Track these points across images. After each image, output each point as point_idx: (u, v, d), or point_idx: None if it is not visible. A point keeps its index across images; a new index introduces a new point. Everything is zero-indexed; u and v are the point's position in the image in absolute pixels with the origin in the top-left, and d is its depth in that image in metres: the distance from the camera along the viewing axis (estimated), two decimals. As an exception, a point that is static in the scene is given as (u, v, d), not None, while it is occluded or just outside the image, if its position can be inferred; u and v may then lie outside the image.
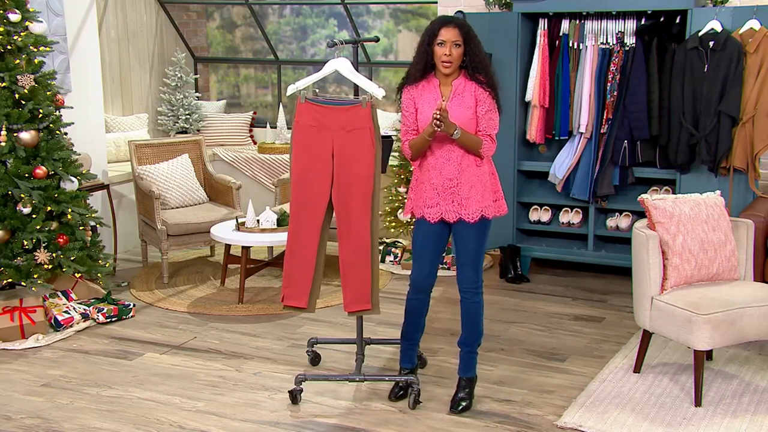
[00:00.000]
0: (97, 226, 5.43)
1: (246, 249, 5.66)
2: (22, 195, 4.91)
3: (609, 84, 5.51)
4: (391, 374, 4.34)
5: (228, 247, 5.70)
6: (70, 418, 3.92)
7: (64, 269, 5.03)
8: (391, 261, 6.37)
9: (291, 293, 3.94)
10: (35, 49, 5.04)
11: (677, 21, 5.38)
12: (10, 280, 4.91)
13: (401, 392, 4.08)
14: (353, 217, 3.81)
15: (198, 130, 7.99)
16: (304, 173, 3.85)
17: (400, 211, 6.32)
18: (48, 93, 5.09)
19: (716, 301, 3.90)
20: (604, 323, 5.12)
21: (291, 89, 3.89)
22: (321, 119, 3.81)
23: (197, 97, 8.19)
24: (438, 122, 3.62)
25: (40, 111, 5.00)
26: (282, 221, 5.62)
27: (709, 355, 4.40)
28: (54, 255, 5.00)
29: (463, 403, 3.96)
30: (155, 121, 8.12)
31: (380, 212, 5.59)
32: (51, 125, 5.11)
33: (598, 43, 5.59)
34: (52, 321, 5.04)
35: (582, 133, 5.69)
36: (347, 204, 3.81)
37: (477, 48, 3.77)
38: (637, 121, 5.43)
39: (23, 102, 4.98)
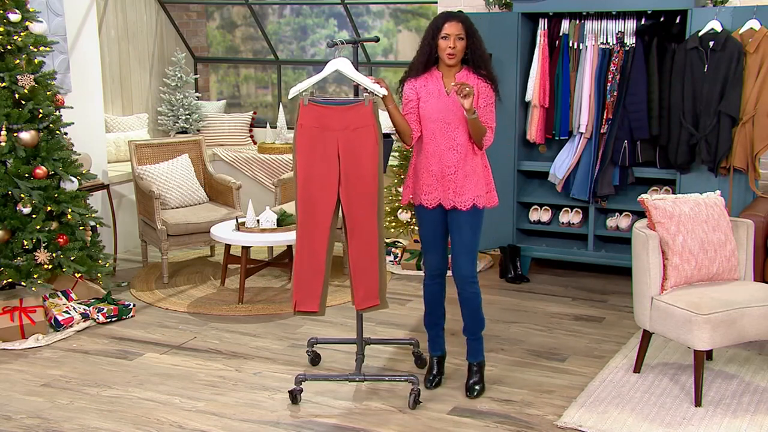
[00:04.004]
0: (97, 226, 5.43)
1: (246, 249, 5.66)
2: (22, 195, 4.91)
3: (609, 84, 5.51)
4: (391, 374, 4.34)
5: (228, 247, 5.70)
6: (70, 418, 3.92)
7: (64, 269, 5.03)
8: (390, 261, 6.36)
9: (302, 298, 3.94)
10: (35, 49, 5.04)
11: (677, 21, 5.38)
12: (10, 280, 4.91)
13: (437, 380, 4.21)
14: (362, 215, 3.83)
15: (198, 130, 7.99)
16: (311, 175, 3.85)
17: (400, 210, 6.32)
18: (48, 93, 5.09)
19: (716, 301, 3.90)
20: (604, 323, 5.12)
21: (293, 92, 3.89)
22: (324, 120, 3.82)
23: (197, 97, 8.19)
24: (464, 90, 3.69)
25: (40, 111, 5.00)
26: (282, 221, 5.62)
27: (709, 355, 4.40)
28: (54, 255, 5.00)
29: (477, 387, 4.08)
30: (155, 121, 8.12)
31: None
32: (51, 125, 5.11)
33: (598, 43, 5.59)
34: (52, 321, 5.04)
35: (582, 133, 5.69)
36: (355, 203, 3.83)
37: (478, 42, 3.94)
38: (637, 121, 5.43)
39: (23, 102, 4.98)
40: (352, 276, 3.92)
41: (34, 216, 4.97)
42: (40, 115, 5.03)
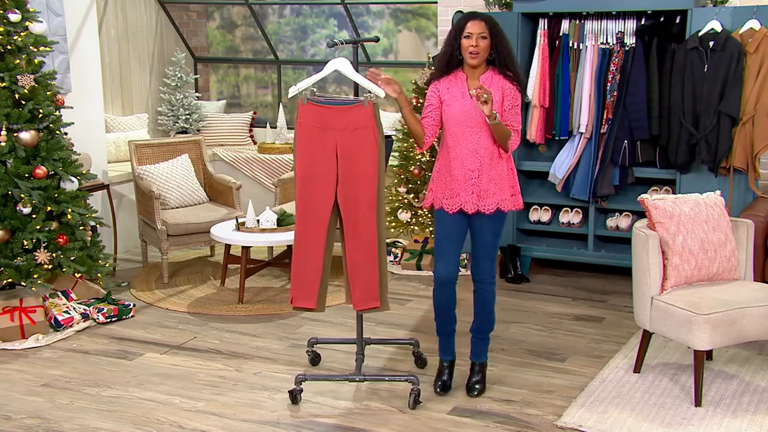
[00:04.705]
0: (97, 226, 5.43)
1: (246, 249, 5.66)
2: (22, 195, 4.91)
3: (609, 84, 5.51)
4: (391, 374, 4.34)
5: (228, 247, 5.70)
6: (70, 418, 3.92)
7: (64, 269, 5.03)
8: (391, 261, 6.36)
9: (299, 294, 3.95)
10: (35, 49, 5.04)
11: (677, 21, 5.38)
12: (10, 280, 4.91)
13: (447, 384, 4.14)
14: (359, 216, 3.82)
15: (198, 130, 7.99)
16: (309, 174, 3.85)
17: (400, 210, 6.32)
18: (48, 93, 5.09)
19: (716, 301, 3.90)
20: (604, 323, 5.12)
21: (293, 91, 3.89)
22: (323, 119, 3.82)
23: (197, 97, 8.19)
24: (483, 96, 3.65)
25: (40, 111, 5.00)
26: (282, 221, 5.62)
27: (709, 355, 4.40)
28: (54, 255, 5.00)
29: (478, 387, 4.10)
30: (155, 121, 8.12)
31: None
32: (51, 125, 5.11)
33: (598, 43, 5.59)
34: (52, 321, 5.04)
35: (582, 133, 5.69)
36: (353, 203, 3.82)
37: (504, 41, 3.89)
38: (637, 121, 5.43)
39: (23, 102, 4.98)
40: (348, 276, 3.92)
41: (34, 216, 4.96)
42: (40, 115, 5.03)
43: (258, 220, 5.62)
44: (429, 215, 6.20)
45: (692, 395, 4.00)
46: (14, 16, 4.92)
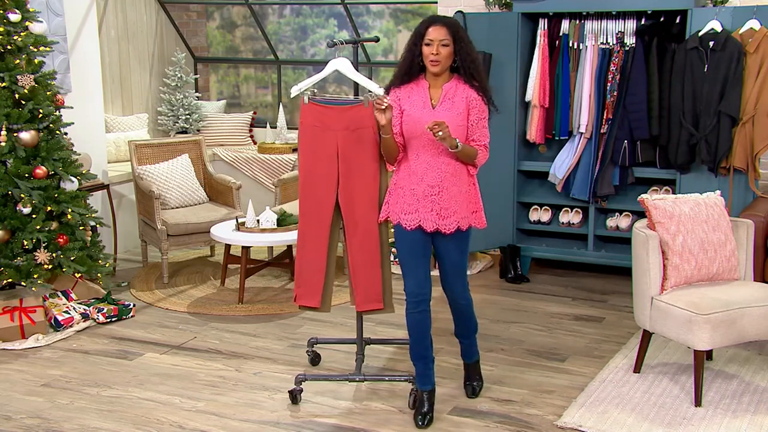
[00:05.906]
0: (97, 226, 5.43)
1: (246, 249, 5.66)
2: (22, 195, 4.91)
3: (609, 84, 5.51)
4: (391, 374, 4.34)
5: (228, 247, 5.70)
6: (70, 418, 3.92)
7: (64, 269, 5.03)
8: (391, 261, 6.35)
9: (303, 293, 3.97)
10: (35, 49, 5.04)
11: (677, 21, 5.39)
12: (10, 280, 4.91)
13: (428, 417, 3.81)
14: (360, 216, 3.83)
15: (198, 130, 7.99)
16: (311, 174, 3.87)
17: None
18: (48, 93, 5.09)
19: (716, 301, 3.90)
20: (604, 323, 5.12)
21: (294, 91, 3.89)
22: (324, 119, 3.82)
23: (197, 97, 8.19)
24: (438, 135, 3.46)
25: (40, 111, 5.00)
26: (282, 221, 5.62)
27: (709, 355, 4.40)
28: (54, 255, 5.00)
29: (478, 387, 4.09)
30: (155, 121, 8.12)
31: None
32: (51, 125, 5.11)
33: (598, 43, 5.59)
34: (52, 321, 5.04)
35: (582, 133, 5.69)
36: (353, 204, 3.83)
37: (467, 47, 3.62)
38: (637, 121, 5.43)
39: (23, 102, 4.98)
40: (351, 277, 3.92)
41: (34, 216, 4.96)
42: (40, 115, 5.03)
43: (258, 220, 5.62)
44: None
45: (692, 395, 4.00)
46: (14, 16, 4.92)
